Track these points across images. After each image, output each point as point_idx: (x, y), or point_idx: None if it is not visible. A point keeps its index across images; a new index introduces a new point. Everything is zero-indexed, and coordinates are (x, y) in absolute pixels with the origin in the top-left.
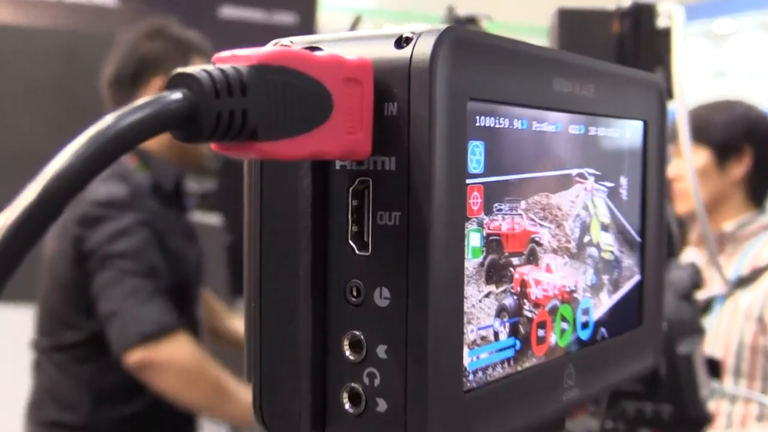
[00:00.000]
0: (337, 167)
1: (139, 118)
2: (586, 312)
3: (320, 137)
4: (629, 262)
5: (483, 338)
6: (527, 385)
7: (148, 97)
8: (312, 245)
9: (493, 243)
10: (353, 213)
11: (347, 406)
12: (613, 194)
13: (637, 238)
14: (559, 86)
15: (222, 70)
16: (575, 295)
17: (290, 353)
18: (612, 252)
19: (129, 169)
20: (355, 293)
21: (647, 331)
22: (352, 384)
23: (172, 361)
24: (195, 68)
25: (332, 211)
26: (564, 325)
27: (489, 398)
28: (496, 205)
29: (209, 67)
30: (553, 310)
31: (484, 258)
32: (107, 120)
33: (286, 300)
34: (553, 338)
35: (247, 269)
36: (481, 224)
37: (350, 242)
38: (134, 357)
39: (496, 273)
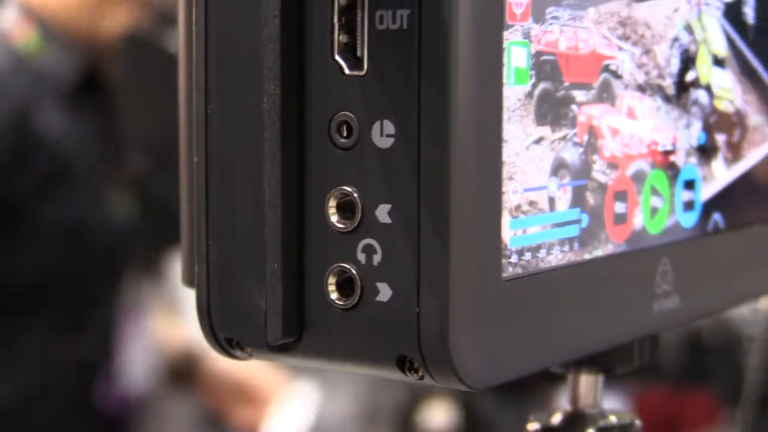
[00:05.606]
0: None
1: None
2: (690, 186)
3: None
4: (759, 119)
5: (532, 204)
6: (599, 283)
7: None
8: (280, 66)
9: (546, 65)
10: (341, 16)
11: (334, 296)
12: (732, 13)
13: None
14: None
15: None
16: (673, 158)
17: (251, 225)
18: (731, 102)
19: (14, 46)
20: (344, 132)
21: None
22: (341, 264)
23: None
24: None
25: (310, 13)
26: (656, 201)
27: (540, 293)
28: (550, 9)
29: None
30: (639, 177)
31: (533, 86)
32: None
33: (242, 149)
34: (638, 218)
35: (183, 108)
36: (527, 35)
37: (337, 59)
38: None
39: (551, 110)
